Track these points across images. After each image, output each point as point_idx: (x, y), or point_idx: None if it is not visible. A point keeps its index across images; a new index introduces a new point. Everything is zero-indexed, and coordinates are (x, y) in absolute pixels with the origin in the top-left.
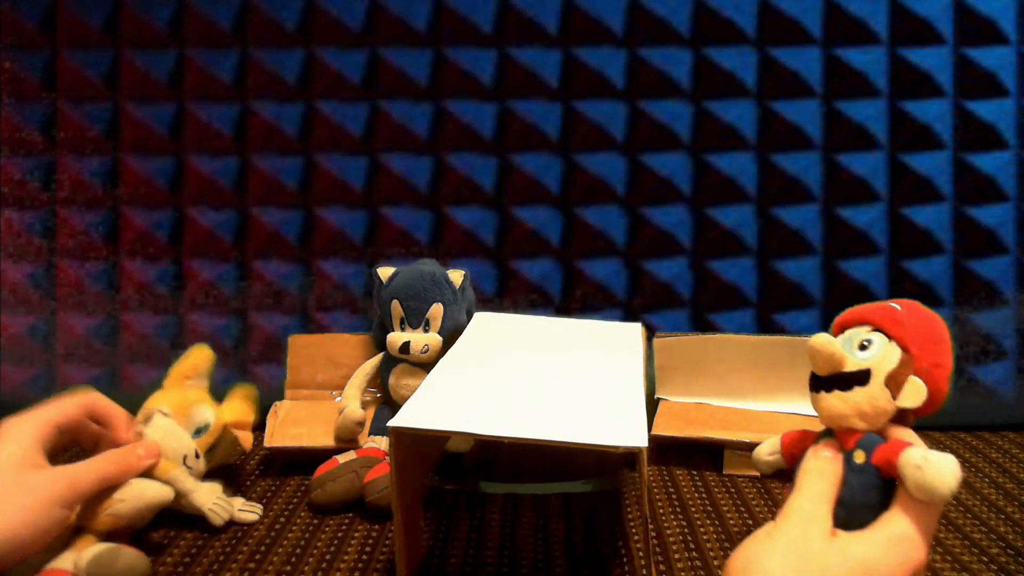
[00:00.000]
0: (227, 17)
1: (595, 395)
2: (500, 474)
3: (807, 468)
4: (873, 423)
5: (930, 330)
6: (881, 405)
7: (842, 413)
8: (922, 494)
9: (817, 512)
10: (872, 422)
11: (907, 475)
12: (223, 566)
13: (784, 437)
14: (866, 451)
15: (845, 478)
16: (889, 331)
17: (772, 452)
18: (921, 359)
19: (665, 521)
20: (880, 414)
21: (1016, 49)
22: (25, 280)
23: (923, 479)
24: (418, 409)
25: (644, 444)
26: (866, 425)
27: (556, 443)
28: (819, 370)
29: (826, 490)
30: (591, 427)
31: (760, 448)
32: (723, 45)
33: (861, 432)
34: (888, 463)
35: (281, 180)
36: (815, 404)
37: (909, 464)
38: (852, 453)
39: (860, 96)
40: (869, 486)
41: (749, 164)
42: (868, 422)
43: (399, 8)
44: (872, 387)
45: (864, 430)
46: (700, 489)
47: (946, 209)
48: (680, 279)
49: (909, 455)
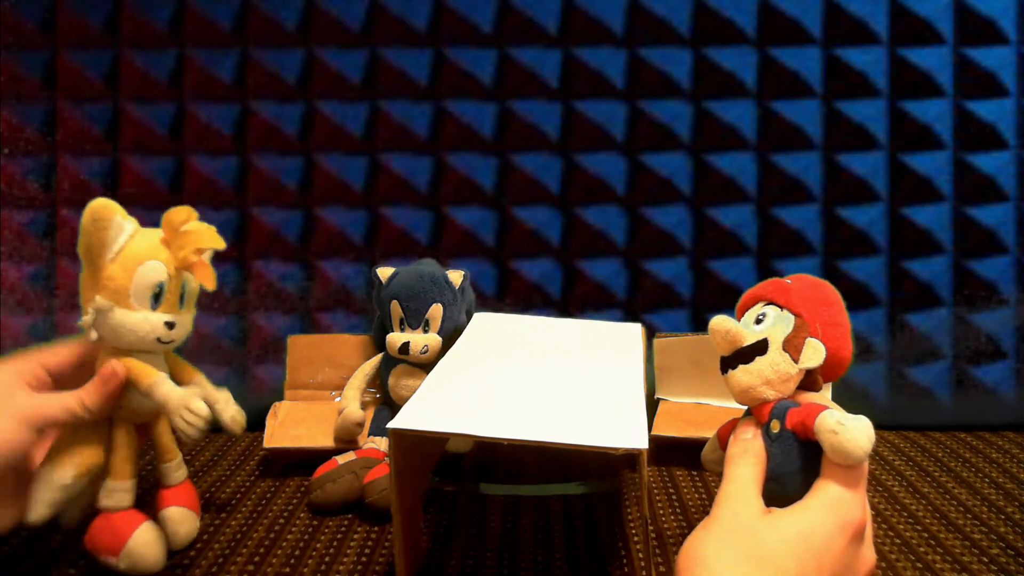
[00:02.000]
0: (227, 17)
1: (595, 396)
2: (500, 475)
3: (730, 454)
4: (781, 389)
5: (819, 294)
6: (784, 369)
7: (750, 384)
8: (839, 457)
9: (745, 493)
10: (780, 388)
11: (824, 440)
12: (222, 568)
13: (720, 431)
14: (779, 419)
15: (768, 451)
16: (779, 301)
17: (714, 449)
18: (814, 320)
19: (665, 522)
20: (785, 379)
21: (1016, 49)
22: (25, 280)
23: (839, 443)
24: (418, 410)
25: (644, 446)
26: (776, 392)
27: (556, 445)
28: (722, 350)
29: (750, 471)
30: (591, 428)
31: (704, 450)
32: (723, 45)
33: (773, 402)
34: (804, 427)
35: (281, 180)
36: (727, 385)
37: (824, 429)
38: (768, 424)
39: (860, 96)
40: (789, 451)
41: (749, 164)
42: (776, 389)
43: (399, 8)
44: (771, 354)
45: (776, 399)
46: (700, 490)
47: (946, 209)
48: (680, 279)
49: (824, 420)
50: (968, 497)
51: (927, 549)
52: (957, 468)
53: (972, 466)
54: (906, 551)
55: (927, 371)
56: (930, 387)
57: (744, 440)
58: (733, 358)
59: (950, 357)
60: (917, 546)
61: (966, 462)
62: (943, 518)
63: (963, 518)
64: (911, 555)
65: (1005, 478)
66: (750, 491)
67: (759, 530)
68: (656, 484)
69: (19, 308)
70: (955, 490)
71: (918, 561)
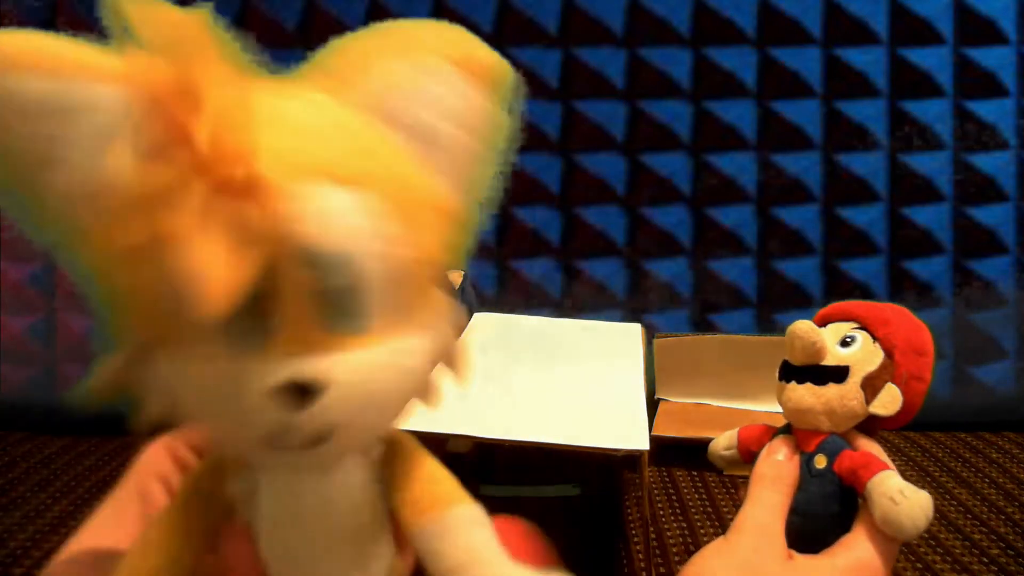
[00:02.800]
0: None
1: (595, 397)
2: (500, 476)
3: (760, 472)
4: (839, 425)
5: (918, 340)
6: (852, 407)
7: (811, 407)
8: (888, 528)
9: (771, 527)
10: (838, 423)
11: (877, 503)
12: None
13: (742, 432)
14: (828, 456)
15: (802, 483)
16: (876, 331)
17: (729, 447)
18: (903, 367)
19: (665, 523)
20: (849, 416)
21: (1016, 49)
22: (25, 280)
23: (895, 515)
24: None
25: (645, 447)
26: (831, 426)
27: (556, 445)
28: (795, 358)
29: (780, 500)
30: (592, 429)
31: (717, 442)
32: (723, 45)
33: (824, 434)
34: (854, 475)
35: None
36: (780, 395)
37: (883, 494)
38: (812, 456)
39: (860, 96)
40: (828, 495)
41: (749, 164)
42: (834, 423)
43: (399, 8)
44: (848, 386)
45: (828, 431)
46: (700, 490)
47: (946, 209)
48: (680, 279)
49: (884, 482)
50: (968, 497)
51: (927, 549)
52: (957, 468)
53: (972, 466)
54: (906, 551)
55: None
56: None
57: (778, 463)
58: (803, 372)
59: (950, 357)
60: (917, 546)
61: (966, 462)
62: (943, 518)
63: (963, 518)
64: (911, 555)
65: (1005, 478)
66: (775, 526)
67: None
68: (656, 484)
69: (19, 308)
70: (955, 490)
71: (918, 561)
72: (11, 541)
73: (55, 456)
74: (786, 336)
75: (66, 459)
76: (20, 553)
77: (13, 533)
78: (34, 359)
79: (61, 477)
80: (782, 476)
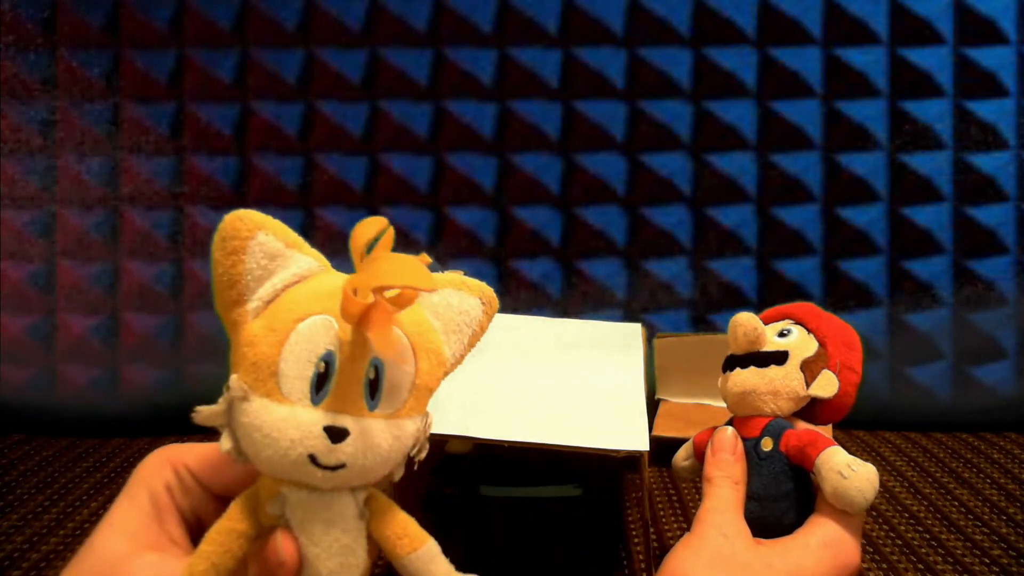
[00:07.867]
0: (227, 17)
1: (595, 397)
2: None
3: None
4: (782, 407)
5: (847, 336)
6: (794, 387)
7: (755, 387)
8: (839, 503)
9: (732, 516)
10: (782, 406)
11: (827, 478)
12: None
13: (696, 438)
14: (774, 437)
15: (752, 469)
16: (808, 324)
17: (687, 456)
18: (835, 356)
19: (666, 524)
20: (791, 397)
21: (1016, 49)
22: (25, 280)
23: (845, 488)
24: None
25: (645, 447)
26: (775, 408)
27: (556, 446)
28: (737, 347)
29: (733, 493)
30: (592, 430)
31: (676, 455)
32: (723, 45)
33: (768, 417)
34: (802, 453)
35: (281, 180)
36: (723, 385)
37: (832, 468)
38: (759, 440)
39: (860, 96)
40: (779, 473)
41: (749, 164)
42: (778, 404)
43: (399, 8)
44: (788, 367)
45: (771, 414)
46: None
47: (946, 209)
48: (680, 279)
49: (832, 457)
50: (969, 498)
51: (928, 550)
52: (958, 468)
53: (973, 466)
54: (907, 552)
55: (927, 371)
56: (930, 387)
57: (725, 459)
58: (745, 358)
59: (950, 357)
60: (918, 547)
61: (967, 462)
62: (944, 519)
63: (964, 519)
64: (912, 556)
65: (1007, 479)
66: (735, 515)
67: (751, 561)
68: (657, 485)
69: (19, 308)
70: (956, 491)
71: (919, 562)
72: (8, 544)
73: (53, 457)
74: (728, 328)
75: (65, 460)
76: (17, 556)
77: (11, 535)
78: (34, 359)
79: (59, 479)
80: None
